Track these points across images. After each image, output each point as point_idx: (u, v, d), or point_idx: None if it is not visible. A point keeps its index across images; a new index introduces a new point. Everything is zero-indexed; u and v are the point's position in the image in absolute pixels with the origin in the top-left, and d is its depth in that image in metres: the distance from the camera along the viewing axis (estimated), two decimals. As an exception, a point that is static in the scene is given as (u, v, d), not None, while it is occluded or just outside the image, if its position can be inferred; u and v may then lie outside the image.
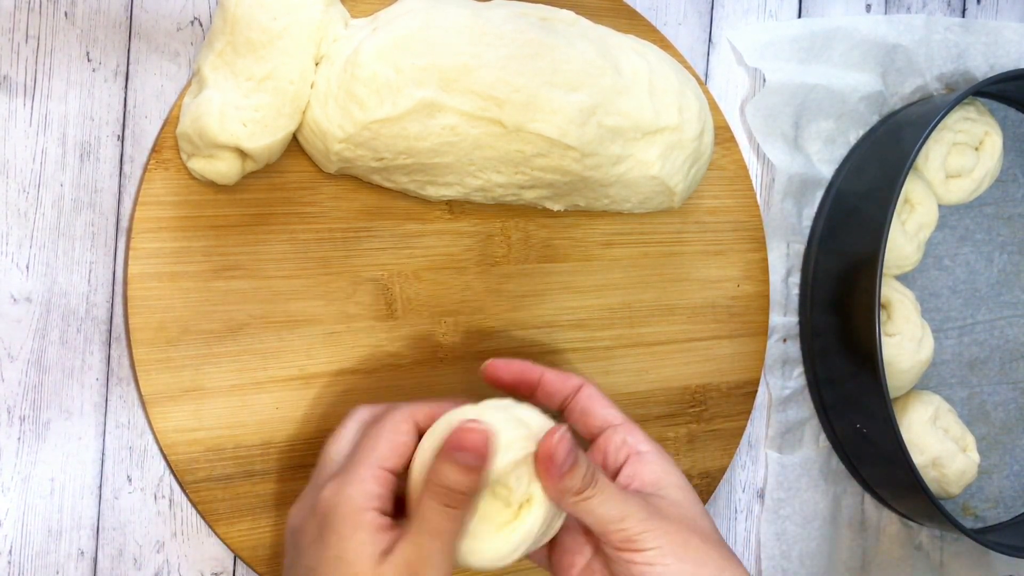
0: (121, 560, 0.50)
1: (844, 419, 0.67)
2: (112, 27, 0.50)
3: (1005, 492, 0.77)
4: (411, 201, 0.54)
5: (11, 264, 0.48)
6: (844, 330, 0.65)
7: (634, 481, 0.45)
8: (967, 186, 0.71)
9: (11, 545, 0.48)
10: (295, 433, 0.52)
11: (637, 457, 0.45)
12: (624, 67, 0.53)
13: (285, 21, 0.46)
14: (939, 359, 0.74)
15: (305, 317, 0.52)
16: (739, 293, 0.64)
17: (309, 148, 0.50)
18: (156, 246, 0.49)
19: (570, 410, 0.48)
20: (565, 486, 0.41)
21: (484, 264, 0.56)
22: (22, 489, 0.48)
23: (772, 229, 0.67)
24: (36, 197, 0.48)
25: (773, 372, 0.67)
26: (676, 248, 0.62)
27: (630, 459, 0.45)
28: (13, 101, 0.48)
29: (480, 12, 0.50)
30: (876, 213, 0.62)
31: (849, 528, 0.70)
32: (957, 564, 0.74)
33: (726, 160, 0.64)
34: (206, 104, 0.46)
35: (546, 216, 0.58)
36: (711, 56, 0.66)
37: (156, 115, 0.51)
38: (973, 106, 0.71)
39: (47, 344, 0.48)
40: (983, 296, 0.76)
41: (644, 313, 0.61)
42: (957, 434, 0.71)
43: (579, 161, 0.51)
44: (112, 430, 0.50)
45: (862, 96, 0.68)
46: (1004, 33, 0.74)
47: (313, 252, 0.52)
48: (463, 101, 0.48)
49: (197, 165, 0.48)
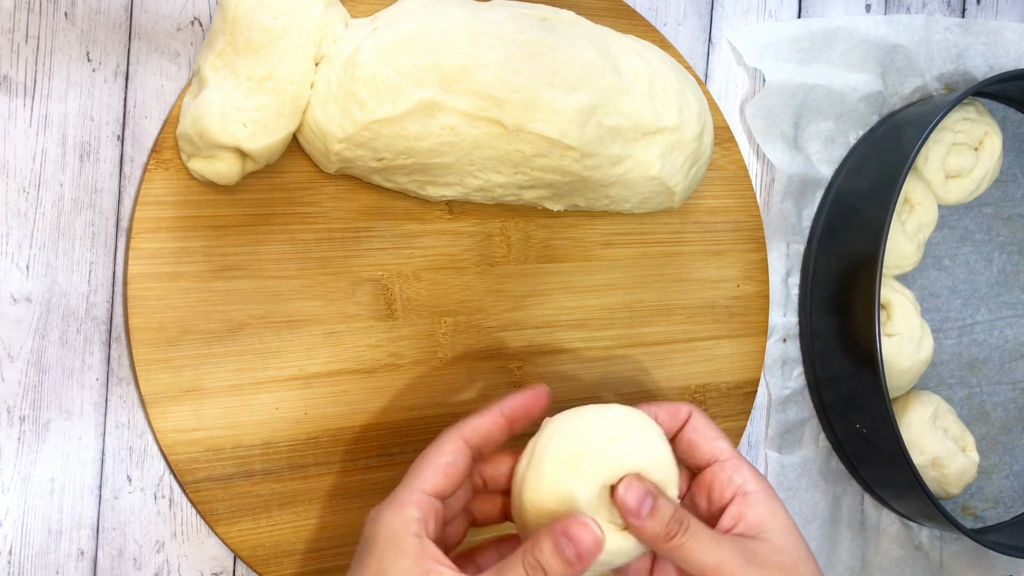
0: (121, 560, 0.50)
1: (844, 419, 0.67)
2: (112, 27, 0.50)
3: (1005, 492, 0.77)
4: (411, 201, 0.54)
5: (11, 264, 0.48)
6: (844, 330, 0.65)
7: (739, 523, 0.44)
8: (967, 186, 0.72)
9: (11, 545, 0.48)
10: (295, 433, 0.52)
11: (743, 498, 0.44)
12: (624, 67, 0.53)
13: (285, 21, 0.46)
14: (939, 359, 0.74)
15: (305, 317, 0.52)
16: (739, 293, 0.64)
17: (309, 148, 0.50)
18: (156, 246, 0.49)
19: (677, 441, 0.47)
20: (648, 531, 0.41)
21: (484, 264, 0.56)
22: (22, 489, 0.48)
23: (772, 229, 0.67)
24: (36, 197, 0.48)
25: (773, 372, 0.67)
26: (676, 248, 0.62)
27: (736, 499, 0.44)
28: (13, 101, 0.48)
29: (480, 12, 0.50)
30: (876, 213, 0.62)
31: (849, 528, 0.70)
32: (957, 564, 0.74)
33: (726, 160, 0.64)
34: (206, 104, 0.46)
35: (546, 216, 0.58)
36: (711, 56, 0.66)
37: (156, 115, 0.51)
38: (973, 106, 0.71)
39: (47, 344, 0.48)
40: (983, 296, 0.76)
41: (644, 313, 0.61)
42: (957, 434, 0.71)
43: (579, 161, 0.51)
44: (112, 430, 0.50)
45: (862, 96, 0.68)
46: (1004, 33, 0.74)
47: (313, 252, 0.52)
48: (463, 101, 0.48)
49: (197, 165, 0.48)
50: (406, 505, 0.41)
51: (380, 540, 0.41)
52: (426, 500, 0.42)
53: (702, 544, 0.41)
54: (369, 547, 0.41)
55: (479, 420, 0.45)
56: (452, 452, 0.43)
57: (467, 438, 0.44)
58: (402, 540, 0.40)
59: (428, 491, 0.42)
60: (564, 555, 0.39)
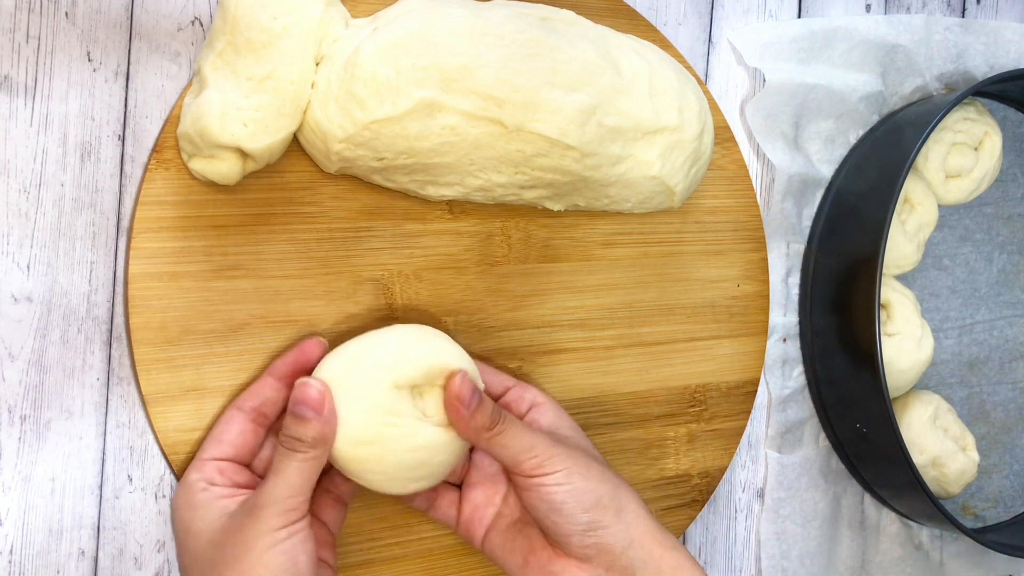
0: (122, 560, 0.50)
1: (844, 419, 0.67)
2: (112, 27, 0.50)
3: (1005, 492, 0.77)
4: (411, 201, 0.54)
5: (12, 264, 0.48)
6: (844, 330, 0.65)
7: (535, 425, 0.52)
8: (967, 186, 0.72)
9: (12, 545, 0.48)
10: (295, 433, 0.52)
11: (536, 408, 0.53)
12: (624, 67, 0.53)
13: (285, 21, 0.46)
14: (939, 359, 0.74)
15: (305, 317, 0.52)
16: (739, 293, 0.64)
17: (309, 148, 0.50)
18: (157, 246, 0.49)
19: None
20: (476, 424, 0.46)
21: (484, 264, 0.56)
22: (23, 489, 0.48)
23: (772, 229, 0.67)
24: (37, 197, 0.48)
25: (773, 372, 0.68)
26: (676, 248, 0.62)
27: (532, 409, 0.53)
28: (14, 101, 0.48)
29: (480, 12, 0.50)
30: (876, 213, 0.62)
31: (849, 528, 0.70)
32: (957, 564, 0.74)
33: (726, 160, 0.64)
34: (207, 104, 0.46)
35: (546, 216, 0.58)
36: (711, 56, 0.66)
37: (157, 115, 0.51)
38: (973, 106, 0.71)
39: (48, 344, 0.48)
40: (983, 296, 0.76)
41: (644, 313, 0.61)
42: (957, 434, 0.71)
43: (579, 161, 0.51)
44: (113, 430, 0.50)
45: (862, 96, 0.68)
46: (1004, 33, 0.74)
47: (314, 252, 0.52)
48: (463, 101, 0.48)
49: (198, 165, 0.48)
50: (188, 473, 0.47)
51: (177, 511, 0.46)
52: (206, 463, 0.47)
53: (518, 431, 0.48)
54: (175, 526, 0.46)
55: (252, 388, 0.49)
56: (225, 421, 0.48)
57: (241, 406, 0.48)
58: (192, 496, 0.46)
59: (205, 458, 0.47)
60: (302, 416, 0.44)
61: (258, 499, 0.44)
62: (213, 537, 0.44)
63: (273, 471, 0.44)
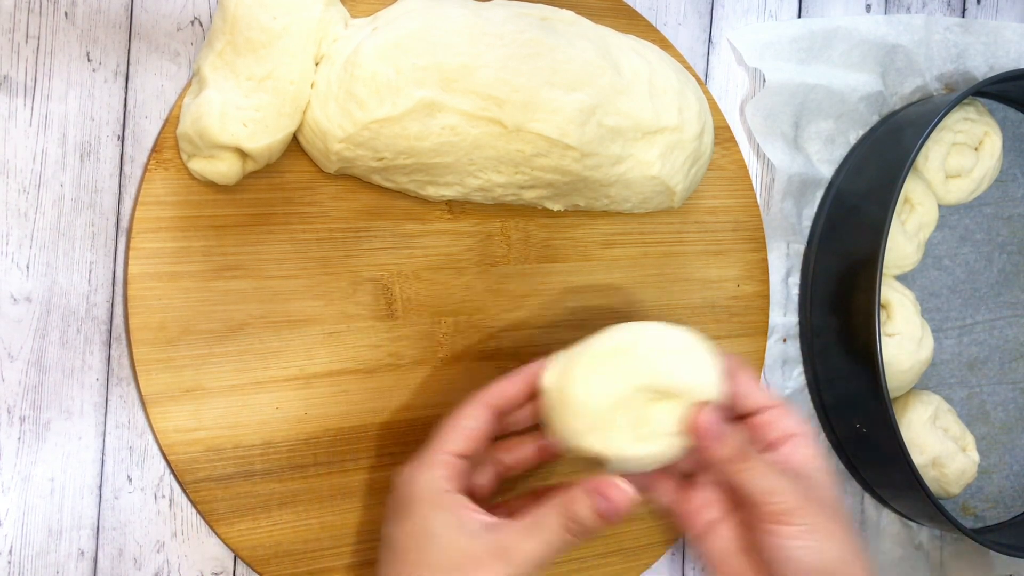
0: (121, 560, 0.50)
1: (844, 419, 0.67)
2: (112, 27, 0.50)
3: (1005, 492, 0.77)
4: (411, 201, 0.54)
5: (11, 264, 0.48)
6: (844, 330, 0.65)
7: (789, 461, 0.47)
8: (967, 186, 0.72)
9: (11, 545, 0.48)
10: (295, 433, 0.52)
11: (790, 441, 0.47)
12: (624, 67, 0.53)
13: (285, 21, 0.46)
14: (939, 359, 0.74)
15: (305, 317, 0.52)
16: (739, 293, 0.64)
17: (309, 148, 0.50)
18: (156, 246, 0.49)
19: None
20: (718, 455, 0.44)
21: (484, 264, 0.56)
22: (22, 489, 0.48)
23: (772, 229, 0.67)
24: (36, 197, 0.48)
25: (773, 372, 0.67)
26: (676, 248, 0.62)
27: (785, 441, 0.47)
28: (13, 101, 0.48)
29: (480, 12, 0.50)
30: (876, 213, 0.62)
31: (849, 528, 0.70)
32: (957, 564, 0.74)
33: (726, 160, 0.64)
34: (207, 104, 0.46)
35: (546, 216, 0.58)
36: (711, 56, 0.66)
37: (156, 115, 0.51)
38: (973, 106, 0.71)
39: (47, 344, 0.48)
40: (983, 296, 0.76)
41: (644, 313, 0.61)
42: (957, 434, 0.71)
43: (579, 161, 0.51)
44: (112, 430, 0.50)
45: (862, 96, 0.68)
46: (1004, 33, 0.74)
47: (313, 252, 0.52)
48: (463, 101, 0.48)
49: (197, 165, 0.48)
50: (434, 465, 0.45)
51: (416, 498, 0.45)
52: (451, 460, 0.45)
53: (763, 472, 0.44)
54: (406, 504, 0.45)
55: (502, 385, 0.48)
56: (474, 416, 0.47)
57: (489, 403, 0.47)
58: (437, 496, 0.44)
59: (451, 452, 0.46)
60: (599, 511, 0.43)
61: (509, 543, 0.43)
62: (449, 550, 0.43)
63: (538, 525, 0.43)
